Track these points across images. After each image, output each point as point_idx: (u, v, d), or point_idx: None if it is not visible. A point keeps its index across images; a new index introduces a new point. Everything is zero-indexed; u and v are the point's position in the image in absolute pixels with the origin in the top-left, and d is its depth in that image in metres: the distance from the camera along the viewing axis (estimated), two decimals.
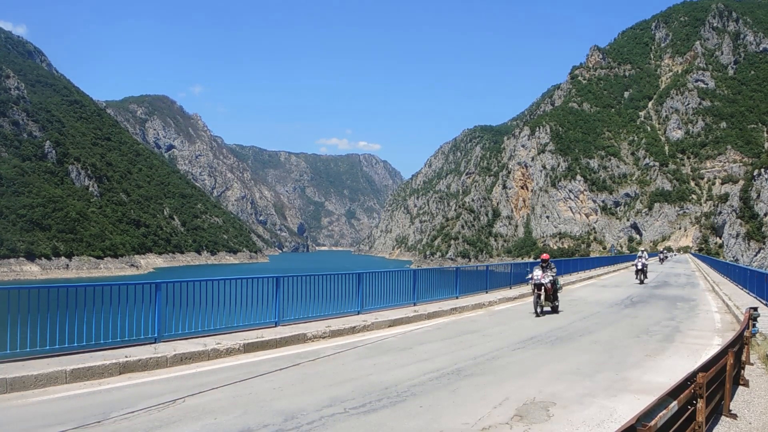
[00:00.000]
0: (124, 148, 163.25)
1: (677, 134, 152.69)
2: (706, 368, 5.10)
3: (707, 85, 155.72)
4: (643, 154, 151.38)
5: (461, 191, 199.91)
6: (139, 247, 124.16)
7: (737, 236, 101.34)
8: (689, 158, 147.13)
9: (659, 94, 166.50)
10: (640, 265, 26.57)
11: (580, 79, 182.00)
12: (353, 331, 11.17)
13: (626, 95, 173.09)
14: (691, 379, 4.69)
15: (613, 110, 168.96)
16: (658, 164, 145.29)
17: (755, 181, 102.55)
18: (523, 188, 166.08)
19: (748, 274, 20.92)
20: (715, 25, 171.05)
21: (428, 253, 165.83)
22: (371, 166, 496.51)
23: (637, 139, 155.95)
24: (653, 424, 3.54)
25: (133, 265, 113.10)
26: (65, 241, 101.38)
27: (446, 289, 17.47)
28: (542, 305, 14.27)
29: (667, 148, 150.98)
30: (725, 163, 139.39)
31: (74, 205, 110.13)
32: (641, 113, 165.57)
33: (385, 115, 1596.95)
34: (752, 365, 8.19)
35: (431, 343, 10.29)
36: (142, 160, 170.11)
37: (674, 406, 4.08)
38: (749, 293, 19.09)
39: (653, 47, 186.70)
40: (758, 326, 9.49)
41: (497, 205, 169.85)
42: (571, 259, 48.76)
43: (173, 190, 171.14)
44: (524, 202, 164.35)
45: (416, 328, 12.20)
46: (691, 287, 25.35)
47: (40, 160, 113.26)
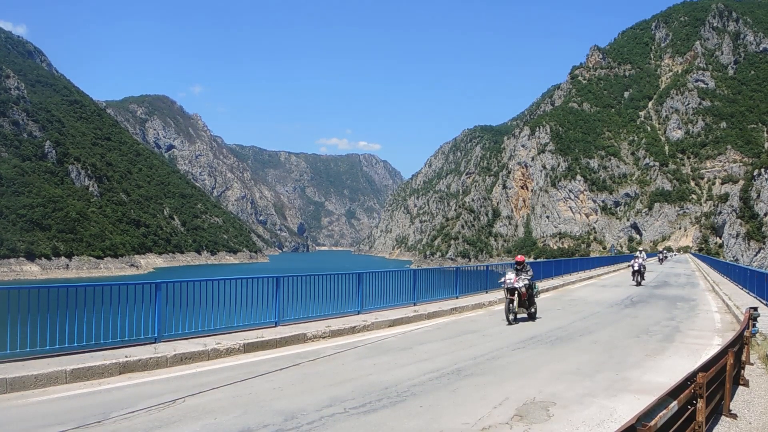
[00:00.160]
0: (124, 148, 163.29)
1: (677, 134, 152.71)
2: (706, 368, 5.10)
3: (707, 85, 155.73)
4: (643, 154, 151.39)
5: (461, 191, 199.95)
6: (139, 247, 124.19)
7: (737, 236, 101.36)
8: (689, 158, 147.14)
9: (659, 94, 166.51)
10: (636, 266, 25.46)
11: (580, 79, 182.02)
12: (353, 331, 11.17)
13: (626, 95, 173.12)
14: (691, 379, 4.69)
15: (613, 110, 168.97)
16: (658, 164, 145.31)
17: (755, 181, 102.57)
18: (523, 188, 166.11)
19: (748, 274, 20.92)
20: (715, 25, 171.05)
21: (428, 253, 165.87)
22: (371, 166, 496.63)
23: (637, 139, 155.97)
24: (653, 424, 3.54)
25: (133, 265, 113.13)
26: (65, 241, 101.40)
27: (446, 289, 17.45)
28: (515, 312, 13.15)
29: (667, 148, 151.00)
30: (725, 163, 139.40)
31: (74, 205, 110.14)
32: (641, 113, 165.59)
33: (385, 115, 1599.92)
34: (752, 365, 8.19)
35: (431, 343, 10.30)
36: (142, 160, 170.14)
37: (674, 406, 4.08)
38: (749, 293, 19.09)
39: (653, 47, 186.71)
40: (758, 326, 9.49)
41: (497, 205, 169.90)
42: (571, 259, 48.79)
43: (173, 190, 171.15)
44: (524, 202, 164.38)
45: (416, 328, 12.20)
46: (691, 287, 25.35)
47: (40, 160, 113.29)
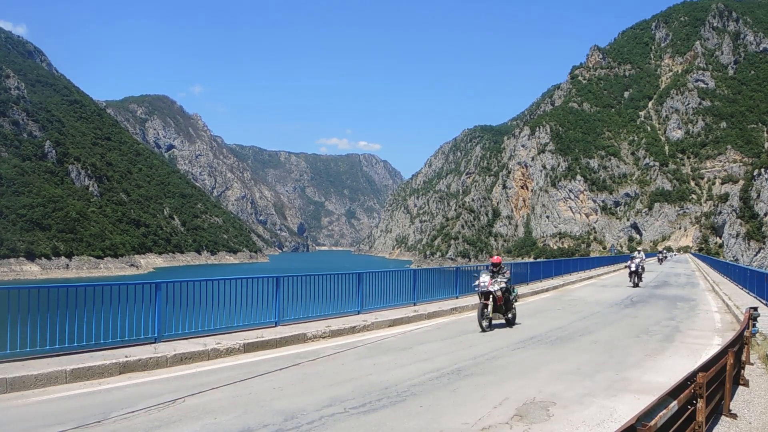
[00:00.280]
0: (124, 148, 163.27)
1: (677, 134, 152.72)
2: (706, 368, 5.10)
3: (707, 85, 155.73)
4: (643, 154, 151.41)
5: (461, 191, 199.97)
6: (139, 247, 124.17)
7: (737, 236, 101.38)
8: (689, 158, 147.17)
9: (659, 94, 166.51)
10: (633, 266, 24.37)
11: (580, 79, 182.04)
12: (353, 330, 11.17)
13: (626, 95, 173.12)
14: (691, 378, 4.69)
15: (613, 110, 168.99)
16: (658, 164, 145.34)
17: (755, 181, 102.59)
18: (523, 188, 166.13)
19: (748, 273, 20.93)
20: (715, 25, 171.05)
21: (428, 252, 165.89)
22: (371, 166, 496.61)
23: (637, 139, 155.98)
24: (653, 423, 3.54)
25: (133, 265, 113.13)
26: (65, 241, 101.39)
27: (446, 289, 17.44)
28: (489, 317, 11.99)
29: (667, 148, 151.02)
30: (725, 163, 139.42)
31: (74, 204, 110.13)
32: (641, 113, 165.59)
33: (385, 115, 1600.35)
34: (752, 365, 8.19)
35: (431, 342, 10.30)
36: (142, 160, 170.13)
37: (674, 405, 4.08)
38: (749, 293, 19.09)
39: (653, 47, 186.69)
40: (758, 326, 9.49)
41: (497, 205, 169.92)
42: (571, 259, 48.83)
43: (173, 190, 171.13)
44: (524, 201, 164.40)
45: (416, 327, 12.20)
46: (691, 287, 25.35)
47: (40, 160, 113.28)
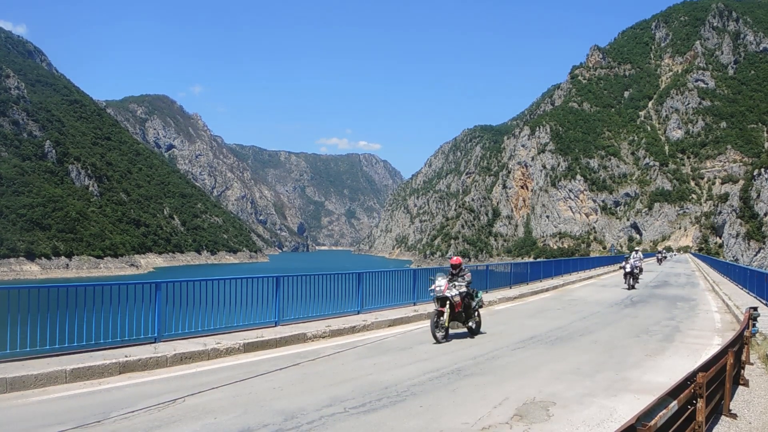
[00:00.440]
0: (124, 147, 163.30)
1: (677, 134, 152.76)
2: (706, 368, 5.10)
3: (707, 84, 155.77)
4: (643, 153, 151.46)
5: (461, 191, 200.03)
6: (139, 246, 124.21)
7: (737, 236, 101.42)
8: (689, 158, 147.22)
9: (659, 93, 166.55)
10: (628, 267, 22.88)
11: (580, 78, 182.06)
12: (353, 330, 11.17)
13: (626, 95, 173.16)
14: (691, 378, 4.69)
15: (613, 110, 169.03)
16: (658, 164, 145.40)
17: (755, 180, 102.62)
18: (523, 188, 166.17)
19: (748, 273, 20.92)
20: (715, 24, 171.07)
21: (428, 252, 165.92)
22: (371, 165, 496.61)
23: (637, 138, 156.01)
24: (653, 423, 3.54)
25: (133, 264, 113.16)
26: (65, 240, 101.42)
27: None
28: (446, 327, 10.42)
29: (667, 147, 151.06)
30: (725, 162, 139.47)
31: (74, 204, 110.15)
32: (641, 113, 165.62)
33: (385, 115, 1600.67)
34: (752, 365, 8.19)
35: (431, 342, 10.29)
36: (142, 159, 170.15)
37: (674, 405, 4.08)
38: (749, 293, 19.08)
39: (653, 47, 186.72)
40: (758, 326, 9.48)
41: (497, 204, 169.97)
42: (571, 258, 48.94)
43: (173, 189, 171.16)
44: (524, 201, 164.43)
45: (416, 327, 12.18)
46: (691, 287, 25.34)
47: (40, 159, 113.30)
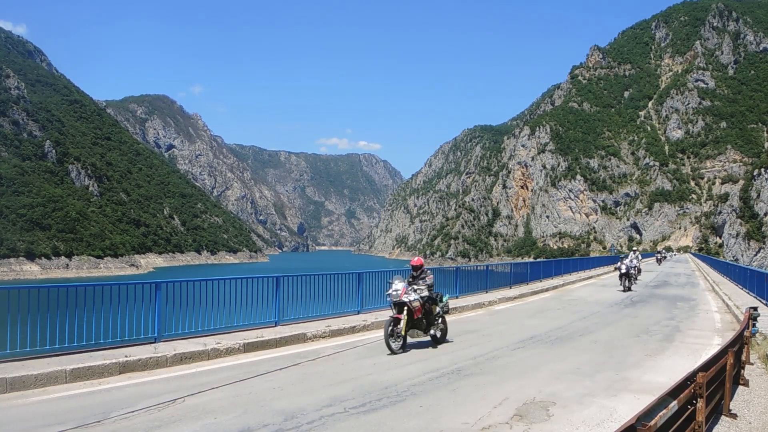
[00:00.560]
0: (124, 147, 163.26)
1: (677, 134, 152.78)
2: (706, 368, 5.10)
3: (707, 84, 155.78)
4: (643, 153, 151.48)
5: (461, 191, 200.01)
6: (139, 246, 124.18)
7: (737, 236, 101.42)
8: (689, 158, 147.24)
9: (659, 93, 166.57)
10: (624, 268, 21.46)
11: (580, 78, 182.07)
12: (353, 330, 11.17)
13: (626, 95, 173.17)
14: (691, 378, 4.69)
15: (613, 110, 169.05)
16: (658, 164, 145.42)
17: (755, 180, 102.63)
18: (523, 188, 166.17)
19: (748, 273, 20.91)
20: (715, 24, 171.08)
21: (428, 252, 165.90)
22: (371, 165, 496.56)
23: (637, 138, 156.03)
24: (653, 423, 3.54)
25: (133, 264, 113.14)
26: (65, 240, 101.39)
27: (446, 288, 17.38)
28: (402, 336, 9.14)
29: (667, 147, 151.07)
30: (725, 162, 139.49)
31: (74, 204, 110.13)
32: (641, 113, 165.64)
33: (385, 115, 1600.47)
34: (752, 365, 8.20)
35: (430, 341, 10.27)
36: (142, 159, 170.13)
37: (674, 405, 4.08)
38: (749, 293, 19.08)
39: (653, 47, 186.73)
40: (758, 326, 9.48)
41: (497, 204, 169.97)
42: (571, 258, 48.95)
43: (173, 189, 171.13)
44: (524, 201, 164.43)
45: None
46: (691, 287, 25.34)
47: (40, 159, 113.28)
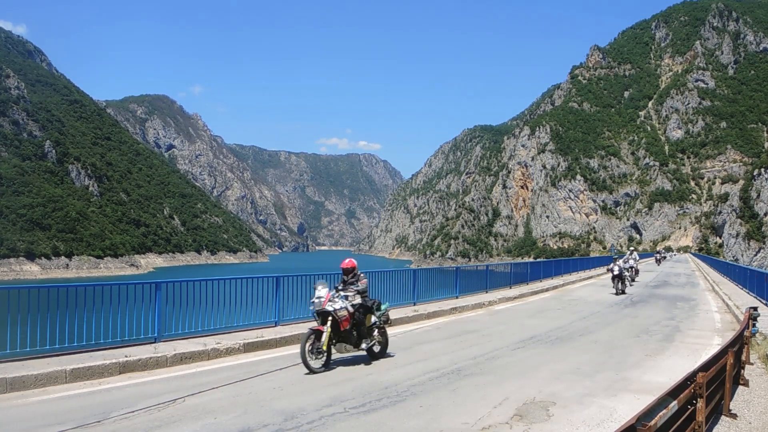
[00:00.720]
0: (124, 147, 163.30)
1: (677, 134, 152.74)
2: (706, 368, 5.10)
3: (707, 84, 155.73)
4: (643, 153, 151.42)
5: (461, 191, 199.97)
6: (139, 246, 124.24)
7: (737, 236, 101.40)
8: (689, 158, 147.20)
9: (659, 93, 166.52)
10: (616, 269, 19.85)
11: (580, 78, 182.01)
12: None
13: (626, 95, 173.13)
14: (691, 378, 4.69)
15: (613, 110, 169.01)
16: (658, 164, 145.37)
17: (755, 180, 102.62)
18: (523, 188, 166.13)
19: (748, 273, 20.92)
20: (715, 24, 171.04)
21: (428, 252, 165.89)
22: (371, 165, 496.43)
23: (637, 138, 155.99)
24: (653, 423, 3.54)
25: (133, 264, 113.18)
26: (65, 240, 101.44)
27: (446, 288, 17.45)
28: (324, 351, 7.73)
29: (667, 147, 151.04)
30: (725, 162, 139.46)
31: (74, 204, 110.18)
32: (641, 113, 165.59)
33: (385, 115, 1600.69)
34: (752, 365, 8.20)
35: (431, 342, 10.29)
36: (142, 159, 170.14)
37: (674, 405, 4.08)
38: (749, 293, 19.08)
39: (653, 47, 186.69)
40: (758, 326, 9.48)
41: (497, 204, 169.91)
42: (570, 258, 48.94)
43: (173, 189, 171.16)
44: (524, 201, 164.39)
45: (416, 327, 12.19)
46: (691, 287, 25.34)
47: (40, 159, 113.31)
